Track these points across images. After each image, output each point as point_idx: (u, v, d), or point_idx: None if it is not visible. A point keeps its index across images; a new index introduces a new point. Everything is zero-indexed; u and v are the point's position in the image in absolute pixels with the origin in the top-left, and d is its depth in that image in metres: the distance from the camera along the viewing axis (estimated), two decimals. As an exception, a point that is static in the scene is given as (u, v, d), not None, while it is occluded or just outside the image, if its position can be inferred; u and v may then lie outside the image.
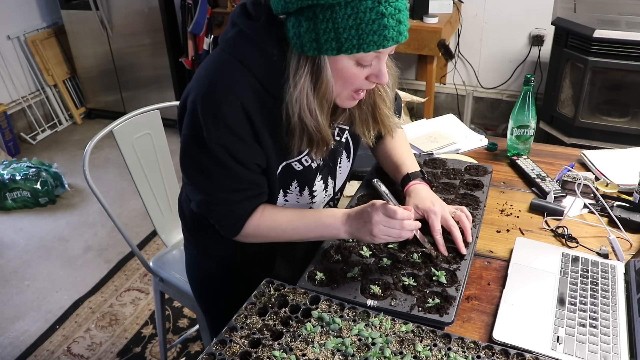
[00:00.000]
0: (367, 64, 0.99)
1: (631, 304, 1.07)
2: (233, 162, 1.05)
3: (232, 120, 1.01)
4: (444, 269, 1.12)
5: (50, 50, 4.06)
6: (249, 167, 1.08)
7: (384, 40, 0.93)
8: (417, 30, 3.19)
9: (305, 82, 0.98)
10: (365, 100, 1.13)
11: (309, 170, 1.18)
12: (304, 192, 1.22)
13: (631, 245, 1.27)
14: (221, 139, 1.02)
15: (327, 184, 1.27)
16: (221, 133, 1.02)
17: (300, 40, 0.95)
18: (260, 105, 1.03)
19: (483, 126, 3.87)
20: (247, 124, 1.03)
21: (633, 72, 2.74)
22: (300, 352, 0.94)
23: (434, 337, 0.98)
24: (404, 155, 1.35)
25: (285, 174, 1.16)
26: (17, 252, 2.86)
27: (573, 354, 0.97)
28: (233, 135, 1.03)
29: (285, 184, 1.18)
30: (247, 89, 1.02)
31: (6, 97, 3.85)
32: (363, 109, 1.15)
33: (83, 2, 3.80)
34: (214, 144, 1.03)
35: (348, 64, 0.98)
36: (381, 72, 1.01)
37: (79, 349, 2.27)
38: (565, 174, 1.49)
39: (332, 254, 1.18)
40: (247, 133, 1.04)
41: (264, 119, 1.05)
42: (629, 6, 2.97)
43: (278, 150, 1.10)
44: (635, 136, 2.78)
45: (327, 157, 1.18)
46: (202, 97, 1.02)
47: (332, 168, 1.25)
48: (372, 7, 0.91)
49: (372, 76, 1.02)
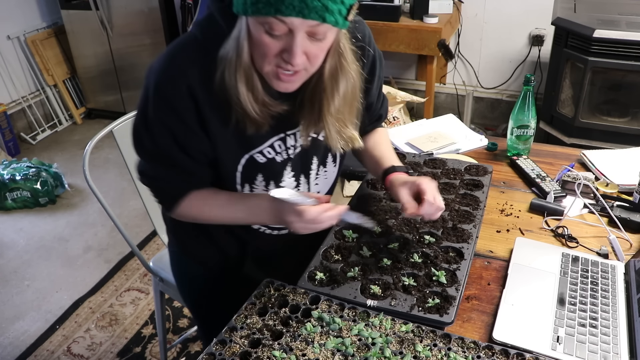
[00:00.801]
0: (276, 33, 0.90)
1: (631, 304, 1.07)
2: (174, 146, 1.04)
3: (178, 102, 1.00)
4: (444, 269, 1.12)
5: (50, 50, 4.06)
6: (190, 154, 1.07)
7: (281, 5, 0.84)
8: (417, 30, 3.19)
9: (232, 42, 0.94)
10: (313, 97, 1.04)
11: (273, 163, 1.14)
12: (270, 187, 1.17)
13: (631, 245, 1.28)
14: (165, 120, 1.02)
15: (299, 182, 1.21)
16: (165, 114, 1.01)
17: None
18: (212, 91, 0.99)
19: (483, 126, 3.87)
20: (192, 108, 1.01)
21: (633, 72, 2.74)
22: (300, 352, 0.94)
23: (434, 337, 0.98)
24: (388, 151, 1.32)
25: (250, 167, 1.13)
26: (17, 252, 2.86)
27: (573, 354, 0.97)
28: (177, 118, 1.01)
29: (250, 177, 1.15)
30: (200, 71, 0.99)
31: (6, 97, 3.85)
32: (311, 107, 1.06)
33: (83, 2, 3.80)
34: (157, 123, 1.02)
35: (259, 30, 0.90)
36: (291, 49, 0.91)
37: (79, 349, 2.27)
38: (565, 174, 1.49)
39: (332, 254, 1.19)
40: (192, 118, 1.02)
41: (217, 106, 1.01)
42: (629, 6, 2.97)
43: (239, 142, 1.08)
44: (635, 136, 2.78)
45: (302, 153, 1.16)
46: (154, 75, 1.00)
47: (305, 165, 1.20)
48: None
49: (284, 52, 0.92)
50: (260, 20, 0.89)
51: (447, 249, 1.18)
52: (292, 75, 0.96)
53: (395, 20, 3.23)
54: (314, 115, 1.06)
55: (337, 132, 1.08)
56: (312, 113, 1.06)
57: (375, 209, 1.32)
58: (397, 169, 1.23)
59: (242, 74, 0.96)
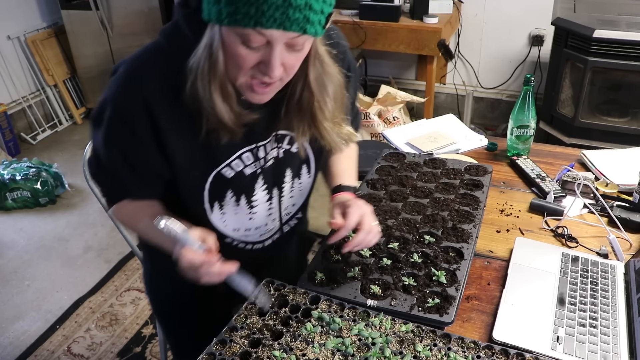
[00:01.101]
0: (253, 45, 0.85)
1: (631, 303, 1.07)
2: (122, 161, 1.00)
3: (132, 115, 0.95)
4: (444, 269, 1.12)
5: (50, 50, 4.06)
6: (139, 172, 1.02)
7: (262, 17, 0.80)
8: (417, 30, 3.20)
9: (204, 50, 0.88)
10: (304, 108, 1.01)
11: (242, 176, 1.08)
12: (240, 202, 1.12)
13: (631, 245, 1.28)
14: (117, 132, 0.97)
15: (271, 196, 1.16)
16: (117, 126, 0.96)
17: (203, 5, 0.87)
18: (176, 104, 0.94)
19: (483, 126, 3.87)
20: (147, 123, 0.95)
21: (633, 72, 2.74)
22: (300, 352, 0.94)
23: (434, 337, 0.98)
24: (346, 169, 1.26)
25: (217, 183, 1.06)
26: (17, 252, 2.86)
27: (573, 353, 0.97)
28: (129, 132, 0.96)
29: (218, 195, 1.08)
30: (162, 83, 0.94)
31: (6, 97, 3.85)
32: (300, 117, 1.03)
33: (83, 2, 3.80)
34: (109, 133, 0.97)
35: (234, 40, 0.85)
36: (269, 62, 0.86)
37: (79, 349, 2.27)
38: (565, 174, 1.49)
39: (332, 254, 1.19)
40: (146, 133, 0.96)
41: (177, 119, 0.96)
42: (629, 6, 2.97)
43: (205, 157, 1.02)
44: (635, 136, 2.78)
45: (274, 165, 1.11)
46: (113, 83, 0.96)
47: (278, 178, 1.15)
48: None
49: (262, 65, 0.88)
50: (237, 32, 0.84)
51: (447, 249, 1.18)
52: (267, 87, 0.92)
53: (395, 20, 3.23)
54: (304, 123, 1.03)
55: (337, 134, 1.07)
56: (302, 122, 1.03)
57: (375, 209, 1.32)
58: (343, 189, 1.19)
59: (217, 84, 0.91)
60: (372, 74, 4.01)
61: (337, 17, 3.37)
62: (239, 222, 1.15)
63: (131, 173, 1.03)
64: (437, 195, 1.36)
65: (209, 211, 1.10)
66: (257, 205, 1.14)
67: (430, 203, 1.33)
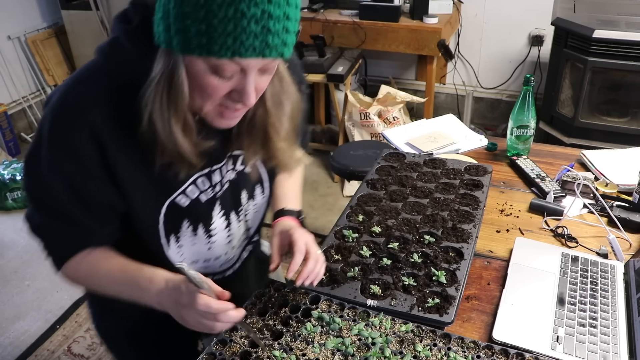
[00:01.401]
0: (226, 75, 0.80)
1: (631, 303, 1.08)
2: (70, 196, 0.90)
3: (77, 145, 0.85)
4: (443, 269, 1.12)
5: (50, 51, 4.06)
6: (88, 206, 0.92)
7: (241, 47, 0.75)
8: (417, 31, 3.20)
9: (161, 80, 0.81)
10: (257, 126, 0.95)
11: (198, 204, 1.00)
12: (198, 231, 1.04)
13: (631, 245, 1.28)
14: (61, 165, 0.87)
15: (229, 222, 1.10)
16: (61, 158, 0.86)
17: (158, 29, 0.79)
18: (124, 128, 0.86)
19: (483, 126, 3.87)
20: (96, 151, 0.86)
21: (633, 72, 2.74)
22: (300, 352, 0.94)
23: (433, 337, 0.98)
24: (289, 191, 1.20)
25: (173, 214, 0.98)
26: (17, 252, 2.86)
27: (573, 353, 0.97)
28: (76, 163, 0.87)
29: (174, 226, 1.00)
30: (107, 108, 0.85)
31: (6, 97, 3.85)
32: (252, 138, 0.97)
33: (83, 3, 3.80)
34: (51, 169, 0.88)
35: (203, 69, 0.79)
36: (244, 90, 0.82)
37: (80, 349, 2.27)
38: (564, 174, 1.49)
39: (332, 254, 1.19)
40: (95, 164, 0.87)
41: (127, 146, 0.87)
42: (628, 6, 2.97)
43: (157, 186, 0.94)
44: (635, 136, 2.78)
45: (229, 188, 1.05)
46: (50, 110, 0.86)
47: (235, 202, 1.08)
48: (231, 2, 0.72)
49: (234, 92, 0.83)
50: (207, 62, 0.78)
51: (447, 248, 1.19)
52: (237, 111, 0.88)
53: (395, 20, 3.23)
54: (257, 143, 0.97)
55: (290, 155, 1.01)
56: (254, 141, 0.97)
57: (375, 208, 1.32)
58: (286, 213, 1.13)
59: (179, 119, 0.83)
60: (372, 74, 4.01)
61: (337, 17, 3.37)
62: (198, 253, 1.08)
63: (85, 212, 0.92)
64: (437, 195, 1.36)
65: (166, 246, 1.02)
66: (215, 233, 1.08)
67: (430, 203, 1.33)
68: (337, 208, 3.14)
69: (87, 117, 0.84)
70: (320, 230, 2.95)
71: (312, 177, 3.48)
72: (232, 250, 1.16)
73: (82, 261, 0.97)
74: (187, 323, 0.88)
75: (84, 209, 0.92)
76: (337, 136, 3.56)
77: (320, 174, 3.51)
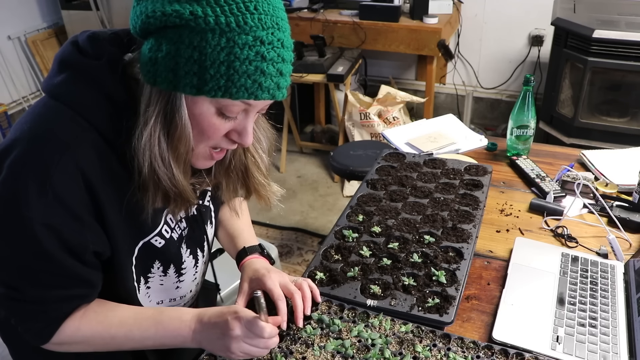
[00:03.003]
0: (231, 115, 0.80)
1: (630, 303, 1.08)
2: (61, 252, 0.81)
3: (66, 192, 0.78)
4: (443, 269, 1.12)
5: (50, 51, 4.06)
6: (82, 259, 0.84)
7: (258, 89, 0.75)
8: (417, 31, 3.20)
9: (157, 123, 0.77)
10: (236, 164, 0.95)
11: (172, 243, 0.97)
12: (169, 272, 1.00)
13: (630, 245, 1.28)
14: (48, 217, 0.78)
15: (197, 259, 1.06)
16: (49, 210, 0.77)
17: (155, 68, 0.74)
18: (106, 170, 0.82)
19: (483, 126, 3.87)
20: (86, 197, 0.80)
21: (632, 72, 2.74)
22: (300, 355, 0.94)
23: (433, 337, 0.98)
24: (243, 226, 1.17)
25: (145, 255, 0.93)
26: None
27: (572, 353, 0.97)
28: (66, 212, 0.79)
29: (145, 268, 0.95)
30: (87, 148, 0.80)
31: (7, 97, 3.85)
32: (232, 176, 0.96)
33: (83, 3, 3.80)
34: (37, 225, 0.77)
35: (208, 111, 0.78)
36: (245, 131, 0.82)
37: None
38: (564, 174, 1.49)
39: (332, 254, 1.19)
40: (85, 210, 0.81)
41: (111, 188, 0.83)
42: (628, 6, 2.97)
43: (132, 227, 0.89)
44: (635, 136, 2.78)
45: (193, 224, 1.02)
46: (24, 159, 0.77)
47: (200, 237, 1.06)
48: (252, 45, 0.73)
49: (233, 133, 0.83)
50: (218, 103, 0.77)
51: (446, 248, 1.19)
52: (223, 152, 0.88)
53: (395, 20, 3.23)
54: (237, 180, 0.97)
55: (270, 190, 1.02)
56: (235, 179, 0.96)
57: (375, 208, 1.32)
58: (249, 251, 1.10)
59: (181, 163, 0.81)
60: (372, 74, 4.01)
61: (337, 17, 3.37)
62: (165, 293, 1.04)
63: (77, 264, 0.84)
64: (437, 195, 1.36)
65: (136, 289, 0.96)
66: (185, 272, 1.04)
67: (430, 203, 1.33)
68: (337, 208, 3.15)
69: (75, 159, 0.79)
70: (320, 230, 2.96)
71: (312, 177, 3.48)
72: (196, 287, 1.12)
73: (82, 318, 0.88)
74: (234, 354, 0.88)
75: (81, 264, 0.84)
76: (337, 136, 3.56)
77: (320, 174, 3.51)
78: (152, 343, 0.91)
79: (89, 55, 0.82)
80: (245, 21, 0.73)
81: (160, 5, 0.73)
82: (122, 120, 0.80)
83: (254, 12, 0.73)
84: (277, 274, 1.02)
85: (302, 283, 1.02)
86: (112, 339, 0.90)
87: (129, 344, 0.91)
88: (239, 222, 1.18)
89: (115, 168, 0.82)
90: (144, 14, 0.75)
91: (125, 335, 0.90)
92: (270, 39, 0.75)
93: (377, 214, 1.30)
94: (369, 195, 1.39)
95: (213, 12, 0.72)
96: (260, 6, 0.74)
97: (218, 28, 0.72)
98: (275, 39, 0.75)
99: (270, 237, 2.92)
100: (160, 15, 0.73)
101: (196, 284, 1.12)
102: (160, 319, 0.91)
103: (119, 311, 0.91)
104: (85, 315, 0.89)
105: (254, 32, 0.73)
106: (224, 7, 0.72)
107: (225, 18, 0.72)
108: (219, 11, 0.72)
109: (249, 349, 0.87)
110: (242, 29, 0.73)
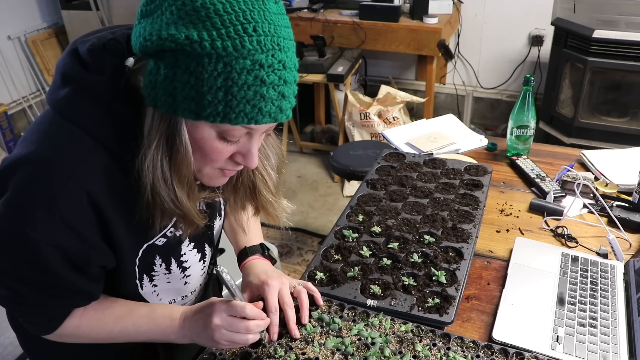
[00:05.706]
0: (233, 139, 0.79)
1: (630, 303, 1.08)
2: (65, 269, 0.83)
3: (73, 214, 0.79)
4: (443, 269, 1.12)
5: (50, 51, 4.06)
6: (86, 274, 0.86)
7: (258, 114, 0.73)
8: (417, 31, 3.20)
9: (160, 145, 0.77)
10: (243, 181, 0.94)
11: (172, 239, 0.96)
12: (172, 268, 0.99)
13: (630, 245, 1.28)
14: (54, 239, 0.79)
15: (204, 253, 1.05)
16: (55, 232, 0.78)
17: (155, 91, 0.74)
18: (113, 188, 0.82)
19: (483, 126, 3.87)
20: (94, 218, 0.81)
21: (632, 72, 2.74)
22: (300, 351, 0.95)
23: (433, 336, 0.98)
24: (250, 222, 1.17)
25: (148, 255, 0.94)
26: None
27: (572, 353, 0.97)
28: (72, 234, 0.80)
29: (148, 266, 0.95)
30: (94, 167, 0.80)
31: (7, 97, 3.85)
32: (239, 193, 0.96)
33: (83, 3, 3.80)
34: (43, 245, 0.78)
35: (209, 135, 0.77)
36: (250, 153, 0.81)
37: (80, 349, 2.27)
38: (564, 174, 1.49)
39: (332, 254, 1.19)
40: (93, 231, 0.82)
41: (117, 203, 0.83)
42: (628, 6, 2.97)
43: (138, 237, 0.90)
44: (635, 136, 2.78)
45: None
46: (31, 183, 0.78)
47: (207, 232, 1.04)
48: (251, 69, 0.71)
49: (237, 155, 0.82)
50: (218, 128, 0.76)
51: (446, 248, 1.19)
52: (233, 171, 0.87)
53: (395, 20, 3.24)
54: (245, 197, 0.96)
55: (279, 207, 1.00)
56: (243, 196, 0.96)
57: (375, 208, 1.32)
58: (250, 252, 1.11)
59: (184, 185, 0.81)
60: (372, 74, 4.01)
61: (337, 17, 3.37)
62: (175, 292, 1.04)
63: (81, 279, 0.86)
64: (437, 195, 1.36)
65: (139, 286, 0.97)
66: (190, 267, 1.03)
67: (430, 203, 1.33)
68: (337, 208, 3.15)
69: (82, 182, 0.78)
70: (320, 230, 2.96)
71: (312, 177, 3.48)
72: (199, 282, 1.12)
73: (82, 316, 0.91)
74: (219, 343, 0.89)
75: (86, 280, 0.87)
76: (337, 136, 3.56)
77: (320, 174, 3.51)
78: (147, 338, 0.95)
79: (91, 69, 0.81)
80: (243, 44, 0.70)
81: (158, 29, 0.72)
82: (129, 135, 0.79)
83: (253, 35, 0.71)
84: (278, 280, 1.01)
85: (301, 291, 1.02)
86: (109, 334, 0.94)
87: (125, 338, 0.95)
88: (245, 215, 1.16)
89: (123, 184, 0.82)
90: (142, 36, 0.73)
91: (121, 331, 0.94)
92: (270, 61, 0.72)
93: (377, 214, 1.30)
94: (369, 195, 1.39)
95: (209, 36, 0.69)
96: (259, 27, 0.71)
97: (214, 53, 0.70)
98: (276, 61, 0.72)
99: (270, 237, 2.92)
100: (156, 39, 0.71)
101: (205, 277, 1.12)
102: (152, 316, 0.94)
103: (115, 308, 0.94)
104: (85, 313, 0.92)
105: (252, 55, 0.71)
106: (220, 31, 0.70)
107: (221, 42, 0.69)
108: (215, 35, 0.69)
109: (231, 336, 0.88)
110: (239, 52, 0.70)
